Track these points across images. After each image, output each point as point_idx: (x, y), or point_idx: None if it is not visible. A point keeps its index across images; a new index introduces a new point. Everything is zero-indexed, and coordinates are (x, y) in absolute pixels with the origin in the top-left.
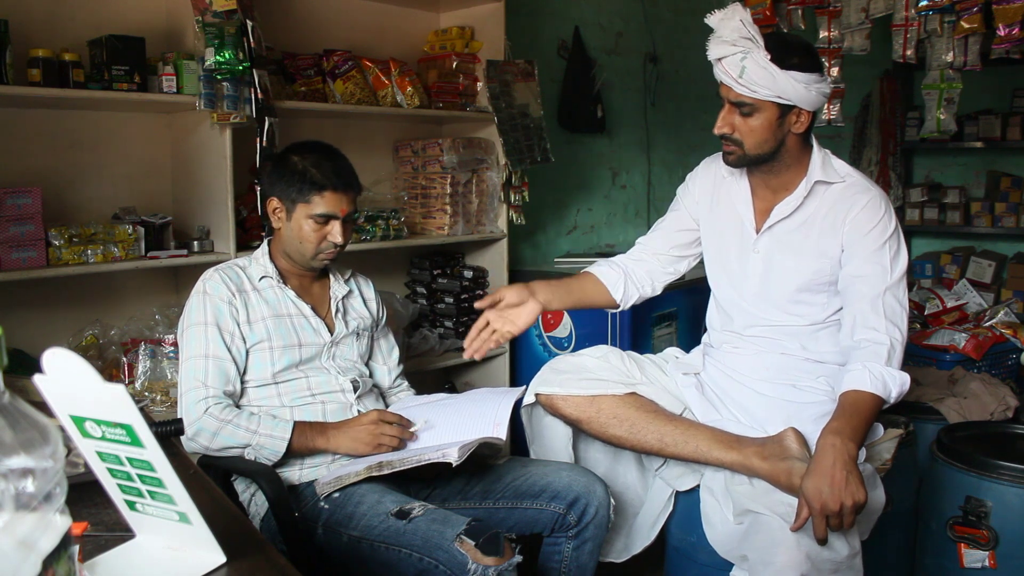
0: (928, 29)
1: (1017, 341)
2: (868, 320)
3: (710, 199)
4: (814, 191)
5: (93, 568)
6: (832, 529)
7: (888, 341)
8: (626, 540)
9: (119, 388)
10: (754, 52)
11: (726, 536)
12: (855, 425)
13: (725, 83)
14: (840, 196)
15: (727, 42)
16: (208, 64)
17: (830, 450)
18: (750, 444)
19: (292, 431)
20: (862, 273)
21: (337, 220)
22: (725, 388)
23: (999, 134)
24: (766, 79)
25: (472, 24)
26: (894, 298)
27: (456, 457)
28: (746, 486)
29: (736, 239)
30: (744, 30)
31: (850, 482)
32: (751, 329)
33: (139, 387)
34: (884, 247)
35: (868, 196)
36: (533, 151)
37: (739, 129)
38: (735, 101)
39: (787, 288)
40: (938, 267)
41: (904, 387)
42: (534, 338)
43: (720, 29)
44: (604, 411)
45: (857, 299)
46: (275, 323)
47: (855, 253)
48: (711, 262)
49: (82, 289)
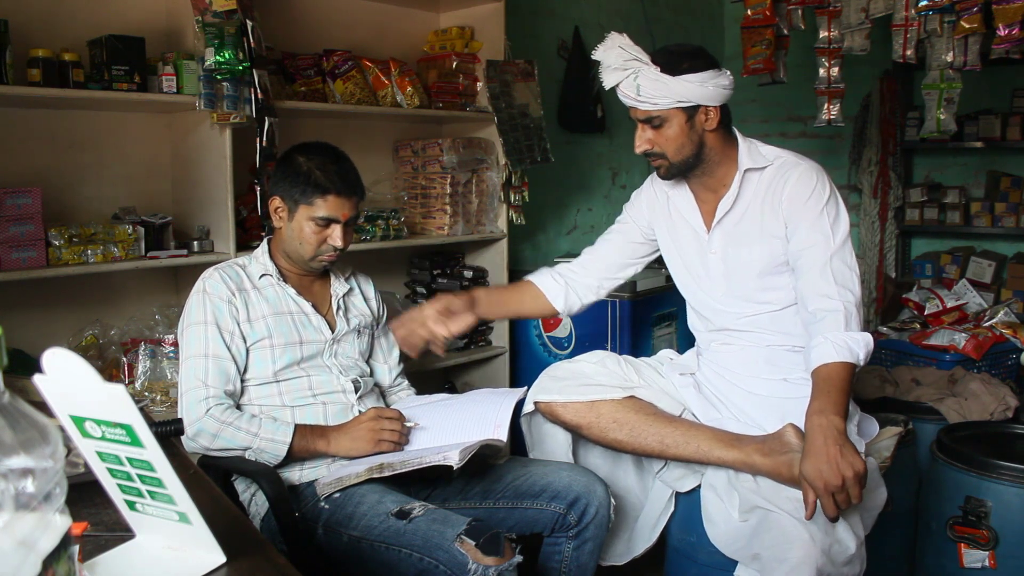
0: (928, 29)
1: (1017, 341)
2: (819, 288)
3: (661, 213)
4: (747, 179)
5: (93, 568)
6: (840, 507)
7: (842, 307)
8: (627, 543)
9: (119, 388)
10: (643, 69)
11: (730, 534)
12: (835, 400)
13: (629, 104)
14: (773, 176)
15: (616, 68)
16: (208, 64)
17: (818, 430)
18: (750, 442)
19: (293, 435)
20: (807, 244)
21: (338, 224)
22: (721, 389)
23: (999, 134)
24: (661, 89)
25: (472, 24)
26: (841, 262)
27: (457, 460)
28: (751, 482)
29: (693, 244)
30: (626, 54)
31: (845, 454)
32: (731, 325)
33: (139, 387)
34: (823, 214)
35: (798, 170)
36: (533, 151)
37: (656, 142)
38: (643, 119)
39: (749, 277)
40: (938, 267)
41: (869, 346)
42: (534, 338)
43: (606, 60)
44: (604, 416)
45: (807, 270)
46: (276, 320)
47: (797, 226)
48: (677, 273)
49: (82, 289)
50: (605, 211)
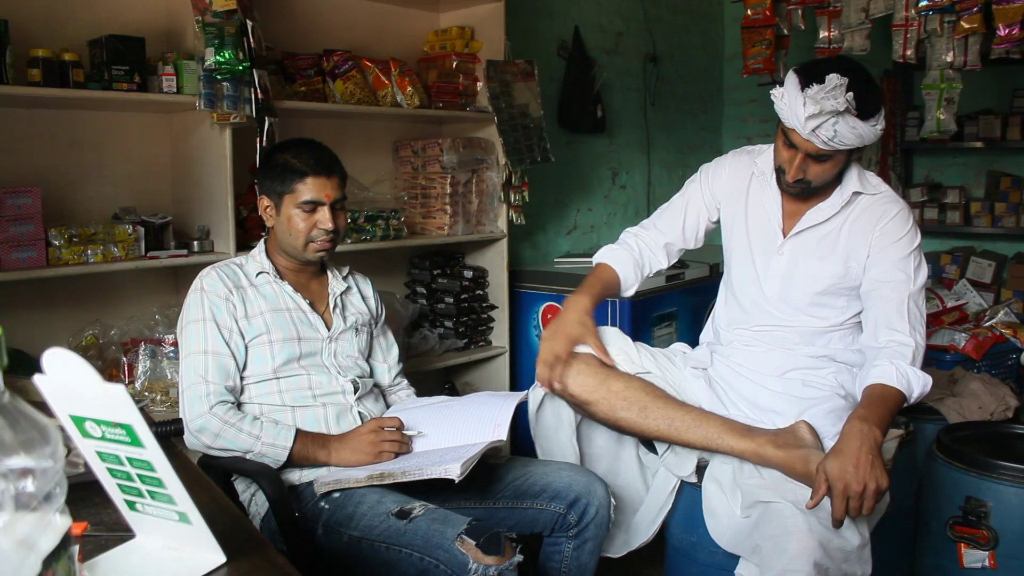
0: (928, 29)
1: (1017, 341)
2: (893, 322)
3: (739, 195)
4: (849, 199)
5: (93, 568)
6: (850, 514)
7: (913, 343)
8: (625, 536)
9: (119, 388)
10: (845, 116)
11: (731, 529)
12: (881, 415)
13: (812, 142)
14: (870, 205)
15: (824, 114)
16: (208, 64)
17: (857, 434)
18: (762, 433)
19: (294, 442)
20: (888, 279)
21: (324, 206)
22: (733, 383)
23: (999, 134)
24: (852, 134)
25: (472, 24)
26: (916, 305)
27: (458, 473)
28: (756, 478)
29: (762, 239)
30: (842, 98)
31: (875, 466)
32: (767, 328)
33: (139, 387)
34: (910, 256)
35: (898, 207)
36: (533, 151)
37: (811, 172)
38: (813, 153)
39: (808, 291)
40: (938, 267)
41: (926, 388)
42: (534, 338)
43: (825, 106)
44: (615, 392)
45: (882, 303)
46: (274, 317)
47: (882, 259)
48: (733, 259)
49: (82, 289)
50: (605, 211)
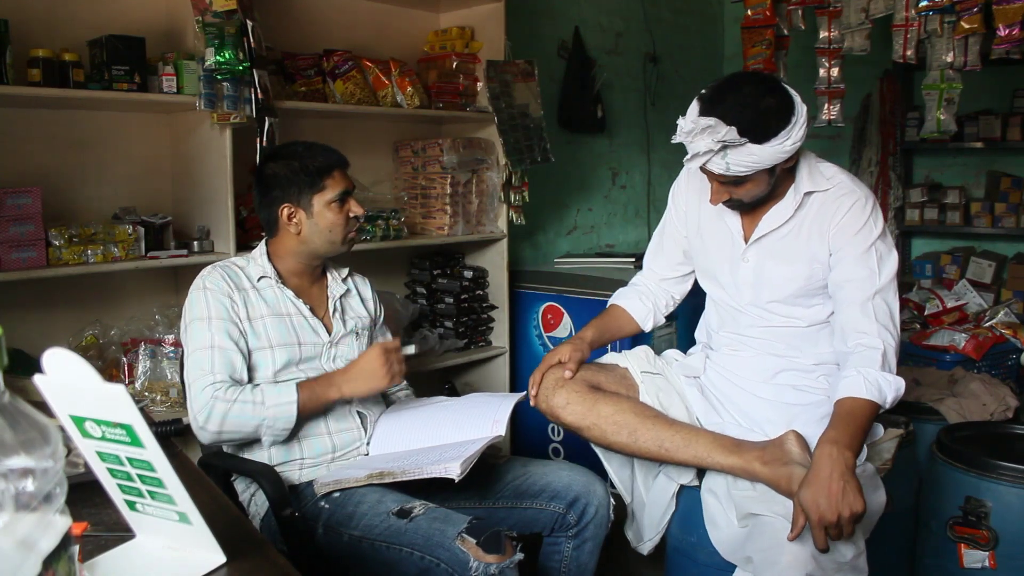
0: (928, 29)
1: (1017, 341)
2: (859, 325)
3: (697, 211)
4: (802, 200)
5: (93, 568)
6: (832, 539)
7: (881, 345)
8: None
9: (119, 388)
10: (732, 146)
11: (730, 538)
12: (852, 433)
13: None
14: (825, 201)
15: (705, 152)
16: (208, 64)
17: (827, 460)
18: (751, 448)
19: (298, 393)
20: (851, 277)
21: (350, 195)
22: (726, 392)
23: (999, 134)
24: (751, 160)
25: (472, 24)
26: (884, 301)
27: (458, 472)
28: (749, 491)
29: (725, 248)
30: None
31: (847, 492)
32: (750, 329)
33: (139, 387)
34: (871, 250)
35: (852, 199)
36: (533, 151)
37: (736, 192)
38: (724, 181)
39: (780, 294)
40: (938, 267)
41: (899, 392)
42: (534, 338)
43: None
44: (604, 417)
45: (847, 304)
46: (274, 322)
47: (842, 257)
48: (702, 272)
49: (82, 289)
50: (605, 211)
